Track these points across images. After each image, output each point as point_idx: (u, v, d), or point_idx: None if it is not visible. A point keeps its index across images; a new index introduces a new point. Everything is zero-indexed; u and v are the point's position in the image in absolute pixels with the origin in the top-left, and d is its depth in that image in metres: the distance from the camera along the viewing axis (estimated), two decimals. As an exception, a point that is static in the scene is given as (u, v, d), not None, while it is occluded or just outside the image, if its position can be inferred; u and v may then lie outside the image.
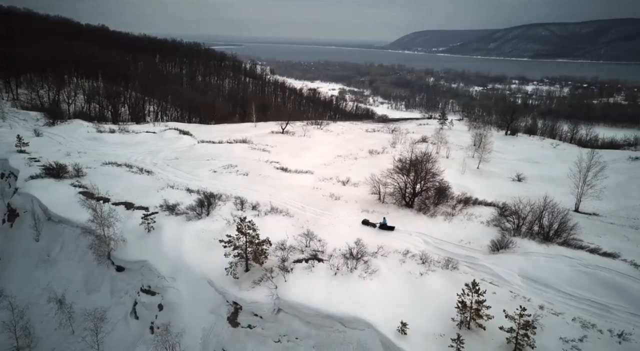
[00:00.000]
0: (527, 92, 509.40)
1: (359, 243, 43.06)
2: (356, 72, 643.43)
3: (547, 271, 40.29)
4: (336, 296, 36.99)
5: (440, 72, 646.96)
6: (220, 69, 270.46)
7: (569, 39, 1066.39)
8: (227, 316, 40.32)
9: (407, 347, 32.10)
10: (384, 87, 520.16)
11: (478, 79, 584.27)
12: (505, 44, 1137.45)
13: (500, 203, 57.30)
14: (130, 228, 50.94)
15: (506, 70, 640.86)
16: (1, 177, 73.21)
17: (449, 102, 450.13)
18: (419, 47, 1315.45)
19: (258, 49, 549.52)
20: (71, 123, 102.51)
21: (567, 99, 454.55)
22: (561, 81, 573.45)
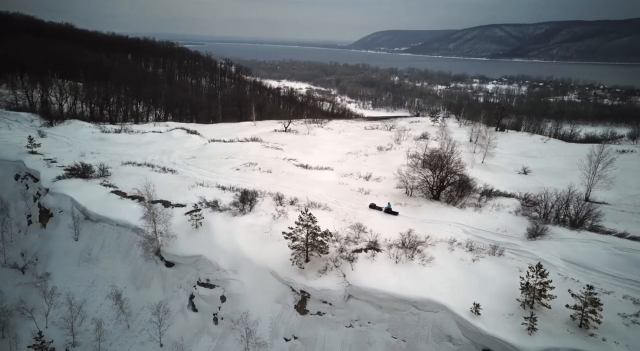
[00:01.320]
0: (488, 91, 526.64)
1: (410, 233, 45.62)
2: (322, 71, 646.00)
3: (586, 255, 43.82)
4: (406, 281, 39.36)
5: (404, 71, 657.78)
6: (196, 68, 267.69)
7: (524, 40, 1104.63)
8: (295, 305, 42.18)
9: (482, 326, 34.80)
10: (351, 87, 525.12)
11: (441, 78, 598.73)
12: (464, 44, 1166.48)
13: (519, 194, 60.96)
14: (176, 224, 51.69)
15: (466, 69, 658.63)
16: (16, 179, 71.97)
17: (414, 101, 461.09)
18: (382, 47, 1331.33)
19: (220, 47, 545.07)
20: (70, 123, 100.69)
21: (526, 97, 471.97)
22: (519, 80, 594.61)
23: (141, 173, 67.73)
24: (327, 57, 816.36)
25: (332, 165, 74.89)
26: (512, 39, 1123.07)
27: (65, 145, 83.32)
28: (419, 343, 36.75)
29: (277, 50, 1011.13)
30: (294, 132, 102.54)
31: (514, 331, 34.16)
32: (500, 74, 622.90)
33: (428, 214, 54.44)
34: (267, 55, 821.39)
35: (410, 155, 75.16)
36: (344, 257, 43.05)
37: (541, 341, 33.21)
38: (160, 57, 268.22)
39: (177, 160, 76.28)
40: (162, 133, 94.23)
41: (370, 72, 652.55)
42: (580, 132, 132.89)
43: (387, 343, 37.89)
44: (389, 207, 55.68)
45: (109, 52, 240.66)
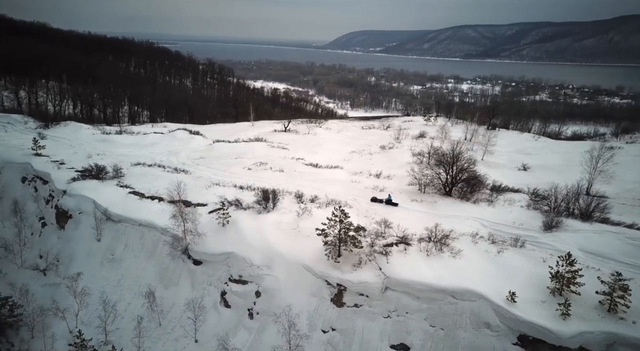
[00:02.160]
0: (463, 91, 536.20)
1: (437, 228, 47.48)
2: (298, 71, 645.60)
3: (601, 245, 46.30)
4: (441, 272, 41.07)
5: (380, 71, 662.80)
6: (179, 68, 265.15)
7: (495, 40, 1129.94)
8: (331, 298, 43.44)
9: (519, 313, 36.67)
10: (329, 87, 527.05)
11: (416, 78, 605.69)
12: (438, 44, 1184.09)
13: (528, 189, 63.56)
14: (202, 223, 52.43)
15: (441, 69, 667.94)
16: (23, 181, 71.25)
17: (392, 101, 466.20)
18: (357, 47, 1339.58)
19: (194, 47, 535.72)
20: (67, 125, 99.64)
21: (500, 97, 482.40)
22: (492, 80, 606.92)
23: (154, 174, 68.11)
24: (302, 57, 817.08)
25: (340, 163, 76.43)
26: (484, 40, 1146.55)
27: (69, 147, 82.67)
28: (458, 331, 38.52)
29: (252, 50, 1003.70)
30: (294, 132, 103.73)
31: (549, 317, 36.20)
32: (474, 74, 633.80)
33: (445, 209, 56.46)
34: (242, 55, 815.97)
35: (416, 153, 77.27)
36: (376, 251, 44.59)
37: (575, 326, 35.29)
38: (141, 57, 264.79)
39: (185, 160, 76.64)
40: (163, 134, 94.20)
41: (346, 72, 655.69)
42: (567, 130, 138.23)
43: (426, 332, 39.54)
44: (389, 198, 58.61)
45: (88, 52, 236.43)
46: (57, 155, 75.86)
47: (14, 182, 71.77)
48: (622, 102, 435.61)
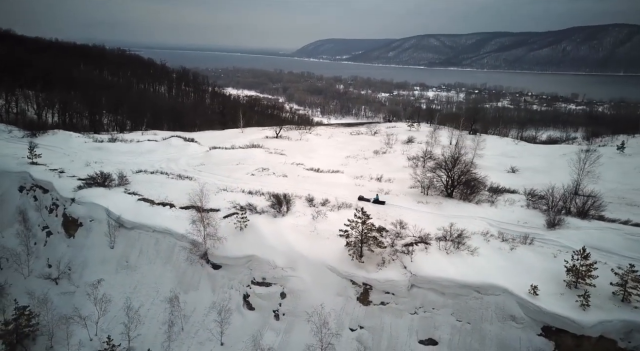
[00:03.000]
0: (429, 98, 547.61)
1: (452, 227, 49.23)
2: (267, 79, 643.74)
3: (604, 241, 48.92)
4: (464, 269, 42.60)
5: (348, 79, 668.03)
6: (154, 76, 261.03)
7: (457, 49, 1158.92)
8: (357, 297, 44.43)
9: (542, 305, 38.58)
10: (299, 94, 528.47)
11: (384, 86, 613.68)
12: (403, 52, 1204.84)
13: (524, 189, 66.35)
14: (219, 227, 52.65)
15: (407, 77, 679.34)
16: (20, 191, 69.46)
17: (361, 108, 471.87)
18: (324, 55, 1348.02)
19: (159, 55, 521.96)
20: (56, 134, 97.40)
21: (464, 104, 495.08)
22: (456, 87, 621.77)
23: (159, 181, 67.67)
24: (270, 65, 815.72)
25: (340, 168, 77.67)
26: (446, 49, 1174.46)
27: (64, 156, 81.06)
28: (484, 324, 40.14)
29: (218, 58, 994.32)
30: (285, 138, 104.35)
31: (570, 308, 38.18)
32: (438, 82, 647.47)
33: (451, 210, 58.34)
34: (208, 63, 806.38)
35: (411, 158, 79.37)
36: (398, 251, 45.94)
37: (595, 316, 37.37)
38: (114, 65, 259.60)
39: (186, 167, 76.30)
40: (158, 141, 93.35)
41: (315, 80, 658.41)
42: (542, 135, 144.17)
43: (453, 326, 41.02)
44: (376, 198, 61.09)
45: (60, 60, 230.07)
46: (54, 164, 74.43)
47: (11, 192, 69.98)
48: (578, 108, 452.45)
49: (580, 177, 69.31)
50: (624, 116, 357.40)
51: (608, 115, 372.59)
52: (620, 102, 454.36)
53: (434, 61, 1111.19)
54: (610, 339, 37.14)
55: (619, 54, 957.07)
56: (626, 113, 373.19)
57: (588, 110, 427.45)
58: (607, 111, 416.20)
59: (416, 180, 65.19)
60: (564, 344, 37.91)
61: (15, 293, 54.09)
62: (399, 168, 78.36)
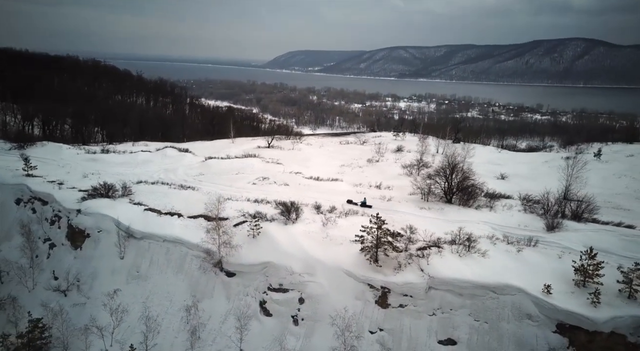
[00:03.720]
0: (401, 108, 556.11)
1: (461, 231, 50.82)
2: (240, 89, 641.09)
3: (602, 242, 51.03)
4: (478, 270, 43.95)
5: (321, 90, 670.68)
6: (131, 87, 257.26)
7: (426, 61, 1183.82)
8: (375, 300, 45.31)
9: (556, 303, 40.34)
10: (273, 105, 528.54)
11: (356, 97, 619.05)
12: (374, 64, 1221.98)
13: (517, 195, 68.74)
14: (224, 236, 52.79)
15: (379, 88, 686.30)
16: (17, 203, 67.93)
17: (336, 119, 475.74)
18: (296, 66, 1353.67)
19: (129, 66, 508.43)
20: (45, 145, 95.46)
21: (435, 114, 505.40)
22: (426, 98, 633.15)
23: (161, 191, 67.28)
24: (242, 76, 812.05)
25: (337, 176, 78.70)
26: (416, 60, 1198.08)
27: (58, 167, 79.68)
28: (501, 323, 41.55)
29: (189, 69, 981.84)
30: (278, 148, 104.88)
31: (582, 305, 39.94)
32: (409, 93, 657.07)
33: (454, 215, 59.95)
34: (179, 74, 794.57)
35: (406, 166, 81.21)
36: (413, 254, 47.18)
37: (606, 312, 39.16)
38: (90, 76, 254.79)
39: (185, 177, 76.03)
40: (152, 152, 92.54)
41: (289, 90, 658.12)
42: (521, 144, 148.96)
43: (471, 326, 42.31)
44: (364, 201, 63.39)
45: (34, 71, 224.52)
46: (51, 176, 73.18)
47: (7, 204, 68.51)
48: (543, 118, 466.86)
49: (568, 183, 72.40)
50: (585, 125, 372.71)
51: (571, 125, 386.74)
52: (581, 112, 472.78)
53: (404, 72, 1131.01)
54: (620, 334, 38.87)
55: (578, 66, 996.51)
56: (588, 123, 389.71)
57: (553, 119, 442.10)
58: (570, 121, 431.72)
59: (416, 187, 66.77)
60: (577, 340, 39.60)
61: (23, 307, 52.91)
62: (395, 176, 79.99)
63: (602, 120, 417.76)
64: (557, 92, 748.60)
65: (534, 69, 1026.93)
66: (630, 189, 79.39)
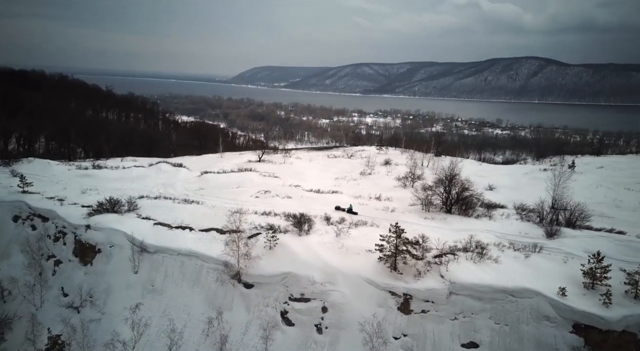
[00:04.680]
0: (367, 124, 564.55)
1: (472, 239, 53.01)
2: (206, 105, 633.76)
3: (599, 247, 53.30)
4: (496, 275, 45.74)
5: (289, 105, 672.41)
6: (103, 102, 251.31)
7: (390, 77, 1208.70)
8: (397, 307, 46.57)
9: (572, 304, 42.55)
10: (240, 120, 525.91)
11: (324, 112, 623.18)
12: (339, 80, 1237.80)
13: (511, 205, 71.95)
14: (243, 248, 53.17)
15: (345, 104, 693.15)
16: (15, 221, 66.07)
17: (305, 134, 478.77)
18: (262, 82, 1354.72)
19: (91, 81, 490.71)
20: (32, 162, 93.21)
21: (401, 129, 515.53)
22: (392, 114, 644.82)
23: (166, 206, 66.91)
24: (207, 91, 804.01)
25: (336, 188, 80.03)
26: (380, 77, 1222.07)
27: (53, 183, 78.08)
28: (521, 325, 43.45)
29: (152, 84, 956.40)
30: (269, 162, 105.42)
31: (595, 306, 42.23)
32: (374, 108, 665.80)
33: (457, 224, 62.19)
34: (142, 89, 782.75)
35: (401, 178, 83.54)
36: (431, 262, 48.91)
37: (618, 312, 41.32)
38: (58, 91, 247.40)
39: (186, 191, 75.71)
40: (145, 167, 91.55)
41: (256, 106, 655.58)
42: (497, 157, 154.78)
43: (492, 329, 44.04)
44: (350, 208, 66.67)
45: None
46: (48, 192, 71.71)
47: (4, 222, 66.62)
48: (504, 132, 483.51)
49: (556, 193, 76.32)
50: (542, 139, 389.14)
51: (530, 139, 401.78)
52: (538, 126, 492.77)
53: (369, 88, 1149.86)
54: (631, 332, 41.18)
55: (533, 84, 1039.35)
56: (544, 137, 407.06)
57: (512, 134, 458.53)
58: (528, 135, 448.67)
59: (417, 198, 68.95)
60: (591, 339, 41.80)
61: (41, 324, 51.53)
62: (390, 188, 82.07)
63: (557, 134, 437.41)
64: (515, 107, 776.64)
65: (492, 85, 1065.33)
66: (608, 198, 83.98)
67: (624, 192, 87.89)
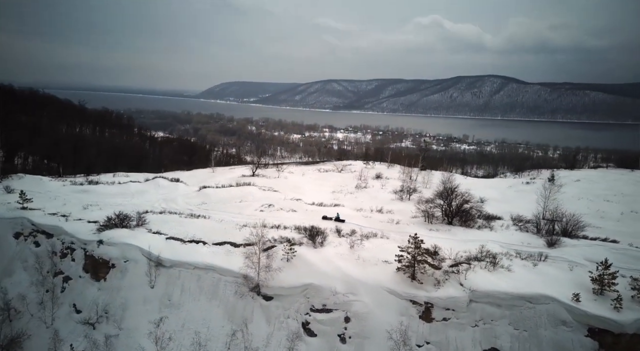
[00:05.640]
0: (339, 139, 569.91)
1: (483, 248, 55.02)
2: (175, 120, 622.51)
3: (598, 255, 56.07)
4: (512, 282, 47.54)
5: (260, 121, 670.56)
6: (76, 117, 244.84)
7: (359, 94, 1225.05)
8: (419, 315, 47.78)
9: (587, 309, 44.63)
10: (211, 135, 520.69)
11: (295, 128, 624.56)
12: (309, 96, 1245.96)
13: (511, 216, 74.73)
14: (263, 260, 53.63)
15: (316, 119, 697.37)
16: (16, 237, 64.37)
17: (277, 149, 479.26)
18: (231, 97, 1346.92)
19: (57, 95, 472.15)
20: (22, 178, 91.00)
21: (372, 144, 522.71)
22: (362, 129, 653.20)
23: (174, 220, 66.61)
24: (176, 106, 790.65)
25: (336, 202, 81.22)
26: (349, 93, 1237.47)
27: (50, 199, 76.50)
28: (539, 330, 45.22)
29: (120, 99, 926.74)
30: (263, 176, 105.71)
31: (608, 310, 44.38)
32: (345, 124, 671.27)
33: (462, 235, 64.00)
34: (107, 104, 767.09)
35: (397, 191, 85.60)
36: (448, 271, 50.54)
37: (629, 315, 43.27)
38: (29, 106, 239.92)
39: (189, 206, 75.37)
40: (141, 182, 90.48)
41: (226, 121, 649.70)
42: (478, 171, 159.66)
43: (512, 335, 45.67)
44: (337, 216, 68.68)
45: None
46: (48, 208, 70.35)
47: (4, 239, 64.89)
48: (471, 148, 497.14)
49: (546, 204, 79.81)
50: (507, 154, 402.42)
51: (496, 154, 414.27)
52: (502, 142, 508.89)
53: (338, 105, 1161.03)
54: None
55: (495, 101, 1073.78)
56: (509, 152, 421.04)
57: (479, 149, 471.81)
58: (494, 150, 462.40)
59: (419, 210, 70.92)
60: (605, 343, 43.77)
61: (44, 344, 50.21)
62: (388, 201, 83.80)
63: (521, 150, 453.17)
64: (479, 124, 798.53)
65: (457, 102, 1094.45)
66: (591, 209, 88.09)
67: (604, 204, 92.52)
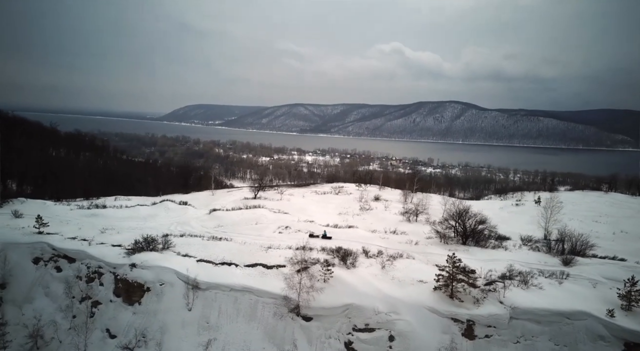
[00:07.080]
0: (308, 162, 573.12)
1: (512, 267, 57.27)
2: (140, 142, 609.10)
3: (612, 272, 59.52)
4: (549, 299, 49.95)
5: (227, 143, 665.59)
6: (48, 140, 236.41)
7: (325, 118, 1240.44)
8: (461, 333, 49.13)
9: (621, 323, 46.85)
10: (178, 158, 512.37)
11: (263, 150, 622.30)
12: (276, 119, 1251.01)
13: (521, 236, 77.76)
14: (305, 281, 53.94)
15: (283, 142, 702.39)
16: (36, 263, 62.24)
17: (247, 172, 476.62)
18: (195, 120, 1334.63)
19: None
20: (25, 202, 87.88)
21: (340, 167, 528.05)
22: (330, 152, 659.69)
23: (197, 243, 65.99)
24: (139, 129, 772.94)
25: (349, 223, 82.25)
26: (315, 117, 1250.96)
27: (62, 224, 74.38)
28: (579, 346, 47.00)
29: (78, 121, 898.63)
30: (264, 198, 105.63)
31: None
32: (313, 147, 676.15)
33: (481, 255, 65.88)
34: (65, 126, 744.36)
35: (404, 212, 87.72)
36: (485, 289, 52.32)
37: None
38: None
39: (205, 229, 74.64)
40: (149, 206, 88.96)
41: (192, 143, 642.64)
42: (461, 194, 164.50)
43: (553, 350, 48.10)
44: (324, 234, 70.98)
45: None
46: (65, 232, 68.34)
47: (22, 265, 62.61)
48: (436, 170, 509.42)
49: (547, 224, 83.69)
50: (472, 177, 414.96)
51: (462, 177, 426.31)
52: (466, 165, 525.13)
53: (305, 128, 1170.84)
54: (670, 347, 46.98)
55: (456, 126, 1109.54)
56: (473, 175, 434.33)
57: (444, 172, 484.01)
58: (459, 173, 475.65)
59: (435, 231, 73.07)
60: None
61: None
62: (396, 222, 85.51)
63: (483, 173, 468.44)
64: (442, 147, 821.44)
65: (420, 126, 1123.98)
66: (585, 230, 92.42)
67: (595, 225, 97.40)
